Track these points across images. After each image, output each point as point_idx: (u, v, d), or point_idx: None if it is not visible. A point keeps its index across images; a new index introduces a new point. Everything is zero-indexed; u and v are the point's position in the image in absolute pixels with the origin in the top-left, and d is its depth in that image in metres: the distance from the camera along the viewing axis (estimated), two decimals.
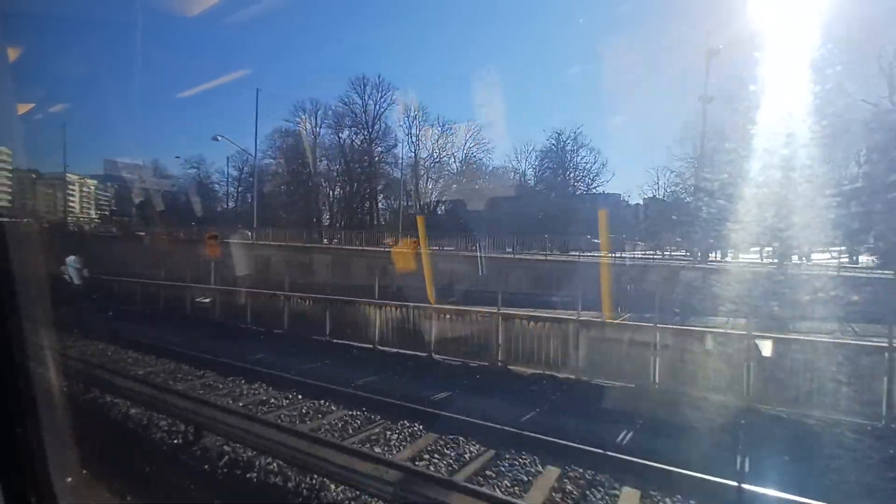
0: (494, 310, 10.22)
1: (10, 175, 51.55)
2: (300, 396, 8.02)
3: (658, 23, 31.78)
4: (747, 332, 7.65)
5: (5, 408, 2.09)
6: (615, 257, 20.90)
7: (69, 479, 2.34)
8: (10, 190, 50.91)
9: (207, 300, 14.75)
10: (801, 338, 7.94)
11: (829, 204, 8.33)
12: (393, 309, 11.42)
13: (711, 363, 7.50)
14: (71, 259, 13.69)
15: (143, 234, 34.11)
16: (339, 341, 11.92)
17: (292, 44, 54.04)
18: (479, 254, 21.55)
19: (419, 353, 10.70)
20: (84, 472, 2.74)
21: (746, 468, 5.32)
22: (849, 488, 4.88)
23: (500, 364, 9.83)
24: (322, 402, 7.70)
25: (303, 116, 43.58)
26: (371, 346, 11.41)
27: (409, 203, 43.95)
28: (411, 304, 11.35)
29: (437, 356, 10.53)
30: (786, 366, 7.01)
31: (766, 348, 7.81)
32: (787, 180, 9.68)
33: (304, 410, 7.40)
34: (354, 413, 7.22)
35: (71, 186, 56.31)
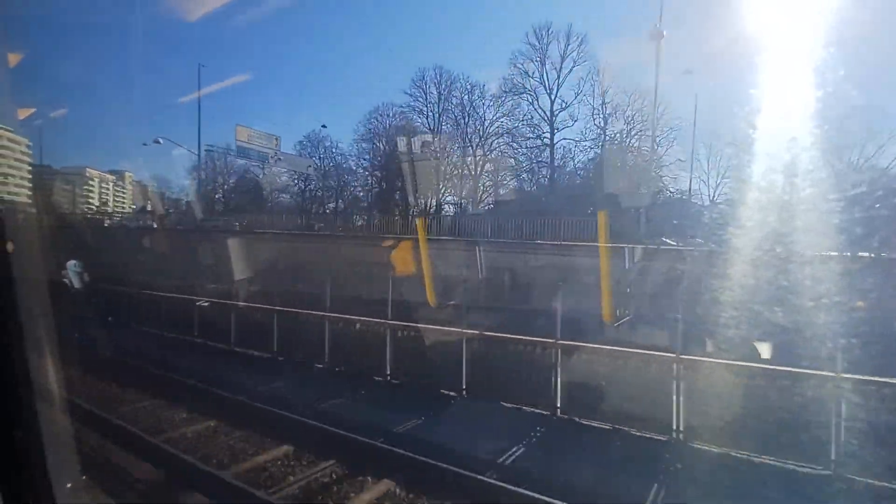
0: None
1: (29, 168, 51.84)
2: None
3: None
4: None
5: (5, 411, 2.07)
6: None
7: (69, 485, 2.31)
8: (28, 185, 51.00)
9: (206, 303, 14.58)
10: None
11: (831, 209, 8.31)
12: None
13: None
14: (72, 263, 13.63)
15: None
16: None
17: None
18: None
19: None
20: (84, 477, 2.72)
21: None
22: None
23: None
24: None
25: (423, 89, 35.22)
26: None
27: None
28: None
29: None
30: None
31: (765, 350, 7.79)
32: (789, 185, 9.66)
33: None
34: None
35: (91, 182, 56.32)
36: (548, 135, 33.80)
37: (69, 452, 2.56)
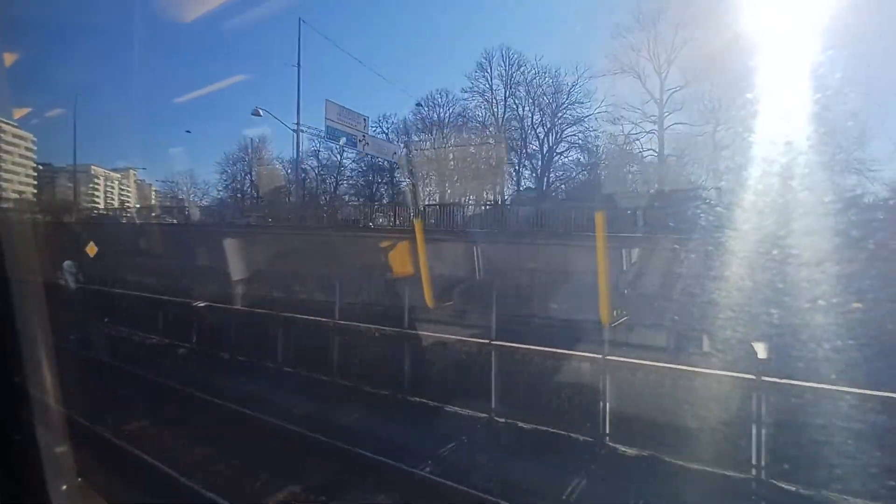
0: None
1: (34, 165, 51.09)
2: None
3: (653, 26, 30.46)
4: None
5: (2, 414, 2.07)
6: None
7: (64, 487, 2.30)
8: (33, 182, 50.33)
9: (203, 304, 14.41)
10: None
11: (828, 212, 8.34)
12: None
13: None
14: (67, 264, 13.61)
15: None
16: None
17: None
18: None
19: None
20: (79, 479, 2.71)
21: None
22: None
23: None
24: None
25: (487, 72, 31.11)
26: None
27: None
28: None
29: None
30: None
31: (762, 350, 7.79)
32: (786, 188, 9.69)
33: None
34: None
35: (96, 180, 55.54)
36: (654, 119, 28.60)
37: (65, 455, 2.56)
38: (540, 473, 6.52)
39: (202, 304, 13.09)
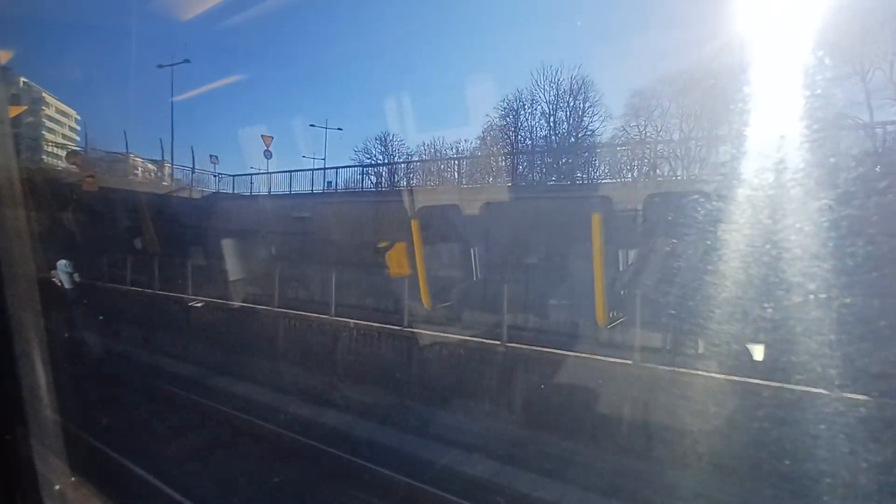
0: None
1: (81, 149, 48.57)
2: None
3: (651, 29, 30.75)
4: None
5: None
6: None
7: (58, 487, 2.28)
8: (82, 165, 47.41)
9: (200, 304, 14.33)
10: None
11: (822, 207, 8.39)
12: None
13: None
14: (62, 263, 13.42)
15: None
16: None
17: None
18: None
19: None
20: (73, 478, 2.69)
21: None
22: None
23: None
24: None
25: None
26: None
27: None
28: None
29: None
30: None
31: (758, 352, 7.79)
32: (780, 184, 9.71)
33: None
34: None
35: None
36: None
37: (58, 453, 2.53)
38: None
39: None
